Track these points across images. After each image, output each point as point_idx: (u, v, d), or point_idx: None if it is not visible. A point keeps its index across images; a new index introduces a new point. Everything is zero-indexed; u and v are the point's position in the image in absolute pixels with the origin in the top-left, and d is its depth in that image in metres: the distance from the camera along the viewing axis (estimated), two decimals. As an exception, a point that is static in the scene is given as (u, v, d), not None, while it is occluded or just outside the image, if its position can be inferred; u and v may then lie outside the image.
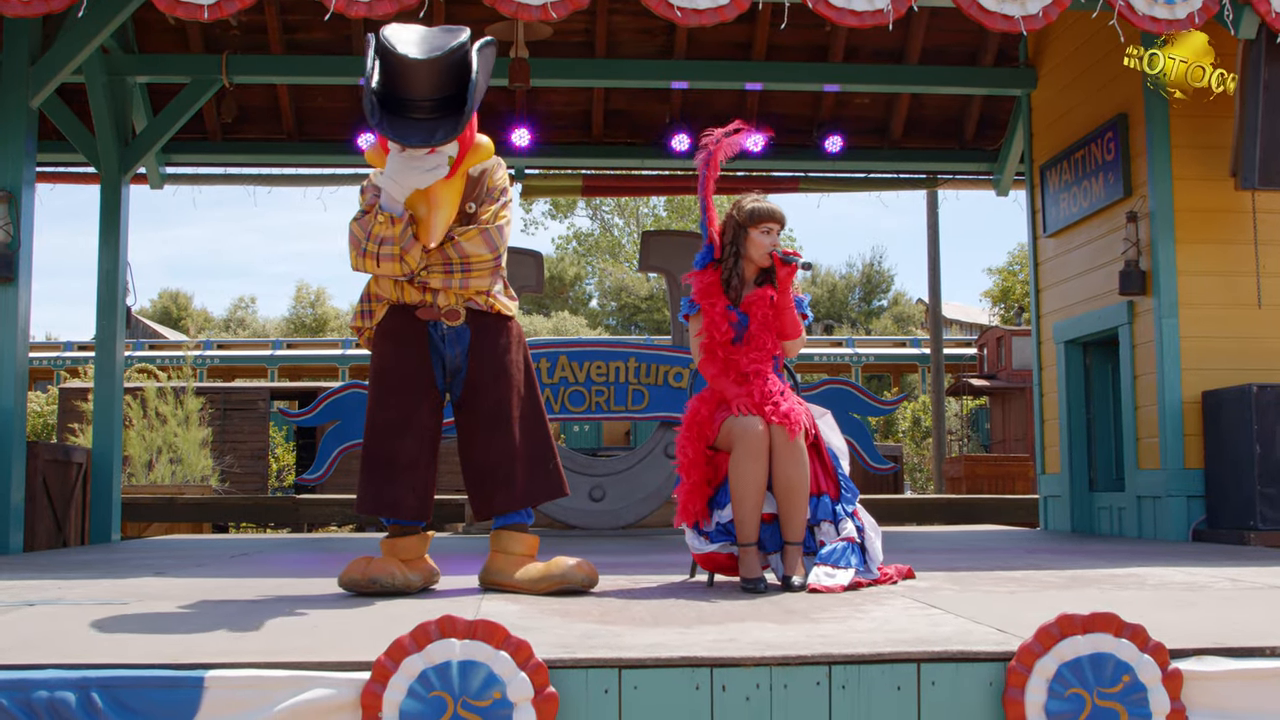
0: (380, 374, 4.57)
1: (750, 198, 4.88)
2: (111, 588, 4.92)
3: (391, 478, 4.51)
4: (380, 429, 4.54)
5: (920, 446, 25.25)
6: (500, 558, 4.65)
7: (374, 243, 4.35)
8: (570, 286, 50.87)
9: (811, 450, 4.68)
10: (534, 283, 9.92)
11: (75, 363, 24.73)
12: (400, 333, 4.56)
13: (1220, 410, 7.90)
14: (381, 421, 4.53)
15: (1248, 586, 4.78)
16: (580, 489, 9.70)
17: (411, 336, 4.55)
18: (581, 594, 4.51)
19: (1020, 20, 6.55)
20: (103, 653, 3.05)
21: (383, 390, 4.56)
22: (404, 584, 4.50)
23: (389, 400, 4.54)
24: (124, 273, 9.66)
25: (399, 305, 4.56)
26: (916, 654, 3.02)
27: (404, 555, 4.62)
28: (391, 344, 4.56)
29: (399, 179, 4.30)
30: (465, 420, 4.62)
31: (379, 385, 4.58)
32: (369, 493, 4.54)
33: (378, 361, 4.58)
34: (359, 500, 4.59)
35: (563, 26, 9.75)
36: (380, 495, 4.53)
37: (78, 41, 7.83)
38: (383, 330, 4.58)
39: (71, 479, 8.94)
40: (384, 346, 4.57)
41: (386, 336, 4.57)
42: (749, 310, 4.79)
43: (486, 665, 2.87)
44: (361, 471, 4.56)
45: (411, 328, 4.56)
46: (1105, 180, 9.01)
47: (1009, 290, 37.34)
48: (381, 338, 4.58)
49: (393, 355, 4.56)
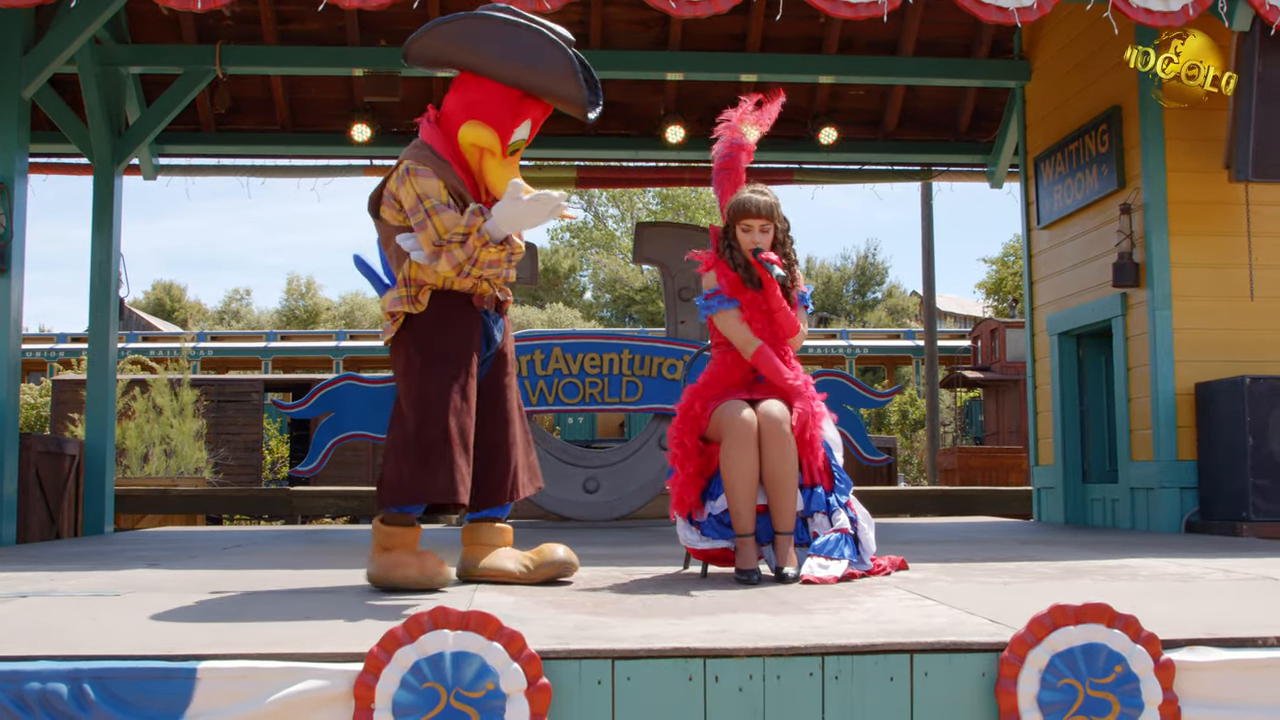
0: (444, 356, 4.43)
1: (745, 190, 4.87)
2: (104, 579, 4.92)
3: (462, 456, 4.35)
4: (458, 410, 4.37)
5: (913, 438, 25.28)
6: (485, 550, 4.64)
7: (477, 266, 4.35)
8: (565, 279, 50.84)
9: (806, 441, 4.67)
10: (528, 275, 9.91)
11: (69, 355, 24.70)
12: (458, 317, 4.50)
13: (1213, 402, 7.91)
14: (457, 402, 4.38)
15: (1240, 577, 4.79)
16: (574, 480, 9.70)
17: (467, 320, 4.52)
18: (570, 582, 4.57)
19: (1015, 12, 6.55)
20: (95, 644, 3.05)
21: (453, 374, 4.41)
22: (448, 578, 4.46)
23: (457, 382, 4.41)
24: (117, 264, 9.64)
25: (445, 291, 4.48)
26: (910, 645, 3.02)
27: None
28: (452, 327, 4.48)
29: (514, 218, 4.31)
30: (482, 405, 4.61)
31: (444, 366, 4.41)
32: (439, 475, 4.30)
33: (440, 344, 4.45)
34: (419, 486, 4.34)
35: (557, 18, 9.69)
36: (451, 475, 4.31)
37: (70, 32, 7.81)
38: (438, 314, 4.47)
39: (64, 471, 8.93)
40: (444, 329, 4.47)
41: (445, 319, 4.48)
42: (753, 308, 4.81)
43: (479, 656, 2.87)
44: (420, 456, 4.33)
45: (465, 313, 4.52)
46: (1099, 172, 9.01)
47: (1003, 281, 37.39)
48: (438, 320, 4.47)
49: (456, 338, 4.48)
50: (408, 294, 4.46)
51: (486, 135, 4.45)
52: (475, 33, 4.42)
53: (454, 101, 4.55)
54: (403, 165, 4.44)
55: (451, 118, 4.53)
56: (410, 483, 4.34)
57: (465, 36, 4.43)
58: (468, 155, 4.51)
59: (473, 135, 4.46)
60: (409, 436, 4.35)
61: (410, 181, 4.37)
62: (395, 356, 4.55)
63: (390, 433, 4.48)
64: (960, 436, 25.51)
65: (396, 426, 4.44)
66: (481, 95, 4.48)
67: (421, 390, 4.39)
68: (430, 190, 4.35)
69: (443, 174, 4.41)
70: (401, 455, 4.36)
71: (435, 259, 4.33)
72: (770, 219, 4.80)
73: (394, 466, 4.38)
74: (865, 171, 12.26)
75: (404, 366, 4.47)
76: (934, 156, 12.05)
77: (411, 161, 4.41)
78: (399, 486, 4.36)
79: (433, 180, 4.37)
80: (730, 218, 4.85)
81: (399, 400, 4.48)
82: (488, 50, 4.42)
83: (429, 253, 4.35)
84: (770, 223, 4.80)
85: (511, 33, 4.40)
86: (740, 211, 4.80)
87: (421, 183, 4.35)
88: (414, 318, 4.47)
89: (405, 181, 4.39)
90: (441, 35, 4.45)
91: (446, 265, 4.32)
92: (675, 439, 4.74)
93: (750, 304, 4.80)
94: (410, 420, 4.37)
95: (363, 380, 9.81)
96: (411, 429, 4.36)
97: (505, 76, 4.46)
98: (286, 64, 10.24)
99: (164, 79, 10.27)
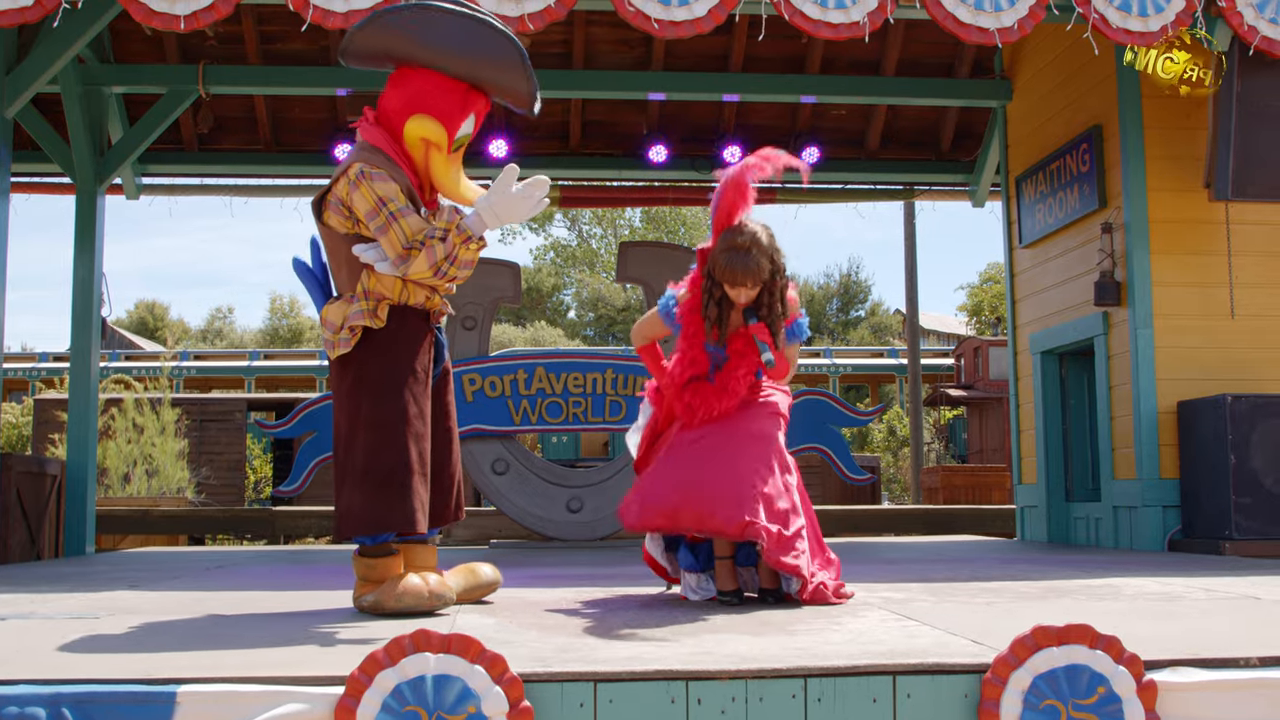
0: (404, 376, 4.25)
1: (730, 239, 4.47)
2: (85, 601, 4.89)
3: (422, 483, 4.21)
4: (417, 434, 4.21)
5: (897, 457, 25.30)
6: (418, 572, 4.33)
7: (455, 266, 4.17)
8: (548, 297, 50.84)
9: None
10: (511, 294, 9.91)
11: (51, 374, 24.59)
12: (416, 334, 4.34)
13: (1195, 420, 7.94)
14: (415, 427, 4.21)
15: (1222, 597, 4.80)
16: (558, 500, 9.69)
17: (424, 337, 4.38)
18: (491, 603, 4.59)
19: (995, 32, 6.59)
20: (75, 668, 3.03)
21: (414, 394, 4.25)
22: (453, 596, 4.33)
23: (416, 404, 4.24)
24: (99, 283, 9.61)
25: (402, 305, 4.31)
26: (892, 666, 3.02)
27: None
28: (411, 344, 4.31)
29: (505, 210, 4.20)
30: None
31: (403, 386, 4.23)
32: (401, 503, 4.15)
33: (400, 362, 4.26)
34: (380, 515, 4.16)
35: (541, 38, 9.76)
36: (412, 504, 4.16)
37: (53, 51, 7.80)
38: (397, 330, 4.28)
39: (46, 491, 8.88)
40: (404, 346, 4.29)
41: (404, 336, 4.30)
42: (729, 344, 4.58)
43: (461, 679, 2.86)
44: (379, 482, 4.14)
45: (421, 330, 4.38)
46: (1080, 192, 9.05)
47: (981, 305, 37.56)
48: (398, 337, 4.28)
49: (414, 356, 4.30)
50: (368, 307, 4.26)
51: (434, 129, 4.30)
52: (421, 23, 4.26)
53: (395, 98, 4.37)
54: (354, 169, 4.22)
55: (394, 115, 4.36)
56: (370, 511, 4.17)
57: (410, 27, 4.27)
58: (413, 151, 4.34)
59: (420, 129, 4.31)
60: (366, 461, 4.17)
61: (366, 186, 4.17)
62: (343, 373, 4.30)
63: (341, 456, 4.26)
64: (944, 455, 25.53)
65: (348, 449, 4.22)
66: (426, 88, 4.33)
67: (378, 411, 4.20)
68: (390, 193, 4.17)
69: (396, 176, 4.24)
70: (359, 482, 4.17)
71: (404, 262, 4.14)
72: (758, 279, 4.44)
73: (352, 494, 4.19)
74: (848, 190, 12.31)
75: (356, 384, 4.25)
76: (916, 176, 12.10)
77: (364, 165, 4.22)
78: (359, 516, 4.18)
79: (390, 184, 4.19)
80: (720, 277, 4.48)
81: (350, 421, 4.24)
82: (435, 41, 4.27)
83: (396, 257, 4.16)
84: (758, 282, 4.45)
85: (459, 23, 4.26)
86: (728, 274, 4.44)
87: (380, 186, 4.17)
88: (372, 333, 4.26)
89: (360, 186, 4.19)
90: (385, 26, 4.28)
91: (424, 265, 4.13)
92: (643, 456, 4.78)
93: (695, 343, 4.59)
94: (366, 443, 4.18)
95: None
96: (368, 453, 4.17)
97: (453, 68, 4.32)
98: (270, 84, 10.24)
99: (147, 98, 10.26)
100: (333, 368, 4.36)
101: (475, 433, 9.52)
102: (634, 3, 6.34)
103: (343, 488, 4.23)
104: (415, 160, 4.37)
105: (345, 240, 4.33)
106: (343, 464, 4.25)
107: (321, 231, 4.43)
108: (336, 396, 4.35)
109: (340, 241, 4.35)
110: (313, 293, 4.53)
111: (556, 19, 6.34)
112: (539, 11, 6.27)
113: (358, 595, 4.35)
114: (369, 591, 4.28)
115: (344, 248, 4.35)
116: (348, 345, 4.25)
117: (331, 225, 4.35)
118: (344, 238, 4.33)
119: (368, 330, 4.26)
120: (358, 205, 4.21)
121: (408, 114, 4.33)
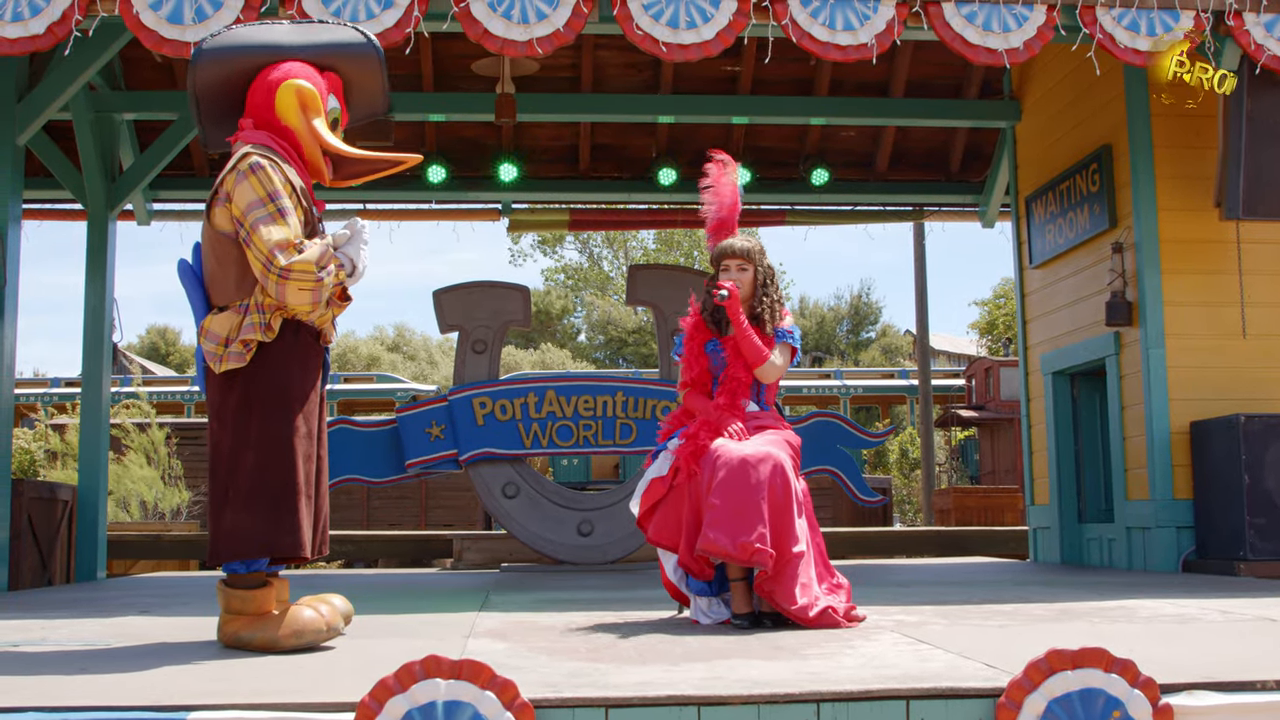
0: (296, 394, 4.08)
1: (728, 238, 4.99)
2: (96, 627, 4.88)
3: (307, 506, 4.03)
4: (304, 455, 4.05)
5: (909, 478, 25.24)
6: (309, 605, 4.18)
7: (329, 292, 4.07)
8: (557, 320, 50.88)
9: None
10: (521, 317, 9.91)
11: (63, 399, 24.65)
12: (307, 351, 4.17)
13: (1208, 440, 7.91)
14: (304, 447, 4.06)
15: (1238, 618, 4.77)
16: (568, 523, 9.66)
17: (315, 354, 4.22)
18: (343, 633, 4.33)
19: (1003, 53, 6.59)
20: (86, 694, 3.02)
21: (306, 413, 4.09)
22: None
23: (307, 424, 4.09)
24: (110, 309, 9.64)
25: (293, 320, 4.11)
26: (905, 691, 3.00)
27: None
28: (303, 362, 4.15)
29: (362, 253, 4.19)
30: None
31: (300, 407, 4.08)
32: (288, 526, 3.96)
33: (293, 379, 4.09)
34: (267, 537, 3.96)
35: (549, 62, 9.79)
36: (299, 526, 3.98)
37: (64, 79, 7.83)
38: (290, 346, 4.10)
39: (57, 516, 8.89)
40: (297, 363, 4.11)
41: (297, 353, 4.12)
42: (726, 345, 4.86)
43: (472, 705, 2.85)
44: (267, 502, 3.96)
45: (313, 347, 4.20)
46: (1090, 211, 9.04)
47: (994, 323, 37.48)
48: (291, 354, 4.10)
49: (306, 374, 4.15)
50: (261, 321, 4.03)
51: (306, 89, 4.21)
52: (271, 28, 4.33)
53: (258, 92, 4.25)
54: (248, 160, 4.05)
55: (264, 105, 4.22)
56: (260, 532, 3.96)
57: (262, 33, 4.31)
58: (292, 124, 4.19)
59: (292, 94, 4.19)
60: (254, 480, 3.97)
61: (261, 175, 4.02)
62: (229, 387, 4.07)
63: (224, 475, 4.04)
64: (956, 476, 25.46)
65: (233, 469, 4.01)
66: (284, 69, 4.25)
67: (267, 429, 4.00)
68: (280, 189, 4.03)
69: (289, 174, 4.11)
70: (247, 502, 3.96)
71: (314, 304, 4.03)
72: (747, 259, 4.87)
73: (238, 515, 3.97)
74: (857, 212, 12.29)
75: (244, 401, 4.03)
76: (925, 197, 12.09)
77: (259, 156, 4.07)
78: (247, 537, 3.96)
79: (282, 176, 4.06)
80: (714, 264, 4.97)
81: (236, 438, 4.03)
82: (289, 37, 4.30)
83: (261, 265, 3.96)
84: (748, 262, 4.87)
85: (311, 25, 4.36)
86: (719, 254, 4.92)
87: (276, 177, 4.04)
88: (264, 347, 4.05)
89: (250, 177, 4.01)
90: (238, 36, 4.29)
91: (308, 300, 3.99)
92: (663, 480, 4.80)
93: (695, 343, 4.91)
94: (255, 461, 3.98)
95: (356, 424, 9.77)
96: (257, 471, 3.97)
97: (310, 56, 4.31)
98: (279, 109, 10.25)
99: (158, 125, 10.29)
100: (214, 381, 4.11)
101: (486, 456, 9.50)
102: (642, 26, 6.36)
103: (225, 508, 4.01)
104: (300, 138, 4.22)
105: (235, 242, 4.09)
106: (224, 483, 4.03)
107: (207, 233, 4.18)
108: (219, 412, 4.10)
109: (229, 244, 4.11)
110: (194, 298, 4.24)
111: (565, 43, 6.37)
112: (548, 36, 6.29)
113: (228, 631, 4.08)
114: (243, 627, 4.05)
115: (234, 250, 4.10)
116: (240, 360, 4.02)
117: (220, 225, 4.12)
118: (234, 239, 4.09)
119: (262, 346, 4.06)
120: (242, 196, 4.01)
121: (275, 88, 4.22)
